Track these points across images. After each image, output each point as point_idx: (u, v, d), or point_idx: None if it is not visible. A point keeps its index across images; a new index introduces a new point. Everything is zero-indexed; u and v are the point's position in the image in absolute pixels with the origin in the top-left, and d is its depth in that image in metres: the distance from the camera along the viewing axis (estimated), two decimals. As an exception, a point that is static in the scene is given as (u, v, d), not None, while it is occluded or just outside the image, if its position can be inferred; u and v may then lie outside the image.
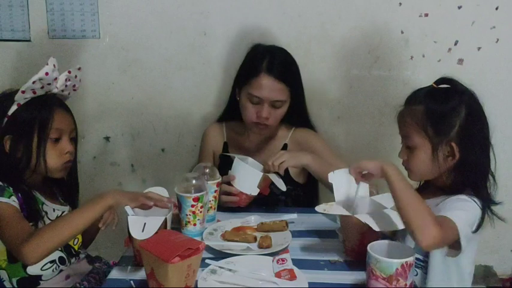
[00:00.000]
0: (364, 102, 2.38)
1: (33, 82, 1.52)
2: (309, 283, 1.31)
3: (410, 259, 1.21)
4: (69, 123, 1.64)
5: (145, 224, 1.37)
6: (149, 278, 1.25)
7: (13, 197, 1.51)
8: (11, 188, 1.53)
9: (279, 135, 2.07)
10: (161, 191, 1.60)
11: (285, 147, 2.05)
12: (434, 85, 1.55)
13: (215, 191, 1.73)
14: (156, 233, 1.34)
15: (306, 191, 2.04)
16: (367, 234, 1.42)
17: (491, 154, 1.54)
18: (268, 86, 1.88)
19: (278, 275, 1.35)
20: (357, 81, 2.36)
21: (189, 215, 1.56)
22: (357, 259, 1.43)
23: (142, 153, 2.48)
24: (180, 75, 2.39)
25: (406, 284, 1.21)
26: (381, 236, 1.45)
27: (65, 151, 1.61)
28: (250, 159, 1.85)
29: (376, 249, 1.25)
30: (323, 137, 2.13)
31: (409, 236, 1.37)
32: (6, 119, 1.56)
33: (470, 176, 1.50)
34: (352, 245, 1.47)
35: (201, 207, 1.57)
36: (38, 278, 1.58)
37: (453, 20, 2.26)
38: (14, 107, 1.55)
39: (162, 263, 1.19)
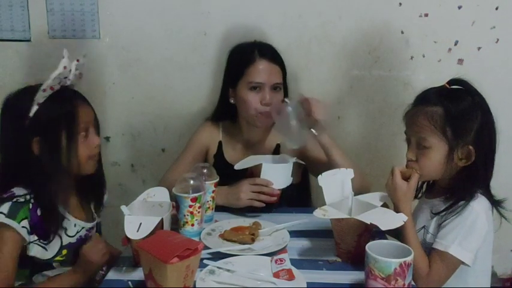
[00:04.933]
0: (365, 102, 2.38)
1: (54, 79, 1.46)
2: (308, 283, 1.31)
3: (409, 259, 1.21)
4: (91, 114, 1.57)
5: (140, 223, 1.37)
6: (147, 279, 1.25)
7: (25, 221, 1.45)
8: (30, 204, 1.47)
9: (272, 135, 2.07)
10: (162, 191, 1.60)
11: (277, 147, 2.05)
12: (447, 85, 1.55)
13: (213, 191, 1.73)
14: (153, 233, 1.34)
15: (299, 191, 2.04)
16: (364, 236, 1.43)
17: None
18: (266, 69, 1.92)
19: (276, 275, 1.35)
20: (357, 81, 2.35)
21: (187, 215, 1.56)
22: (353, 261, 1.44)
23: (142, 153, 2.48)
24: (181, 75, 2.39)
25: (404, 284, 1.21)
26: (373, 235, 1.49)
27: (94, 145, 1.56)
28: (269, 156, 1.90)
29: (375, 249, 1.25)
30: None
31: None
32: (28, 121, 1.46)
33: (478, 179, 1.52)
34: (348, 247, 1.46)
35: (199, 207, 1.57)
36: None
37: (453, 20, 2.25)
38: (34, 108, 1.46)
39: (161, 264, 1.19)
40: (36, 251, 1.50)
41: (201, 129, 2.13)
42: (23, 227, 1.45)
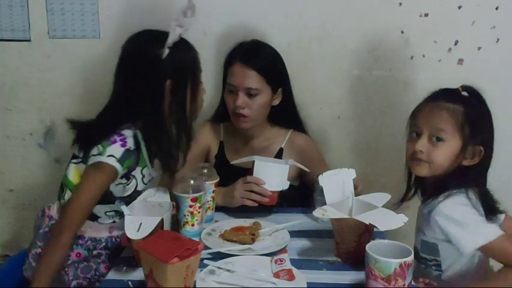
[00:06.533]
0: (365, 102, 2.37)
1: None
2: (308, 283, 1.32)
3: (409, 259, 1.22)
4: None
5: (140, 223, 1.37)
6: (148, 279, 1.25)
7: (126, 170, 1.57)
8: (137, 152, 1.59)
9: (275, 139, 2.07)
10: (162, 191, 1.60)
11: (280, 151, 2.04)
12: (460, 89, 1.57)
13: (213, 191, 1.73)
14: (153, 233, 1.34)
15: (300, 193, 2.03)
16: (364, 236, 1.42)
17: None
18: (240, 73, 1.92)
19: (277, 275, 1.35)
20: (358, 81, 2.35)
21: (187, 215, 1.56)
22: (353, 262, 1.44)
23: (142, 153, 2.48)
24: (181, 75, 2.38)
25: (404, 284, 1.21)
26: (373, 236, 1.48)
27: (204, 92, 1.73)
28: (265, 158, 1.87)
29: (375, 249, 1.25)
30: (321, 137, 2.17)
31: None
32: (161, 64, 1.57)
33: (480, 179, 1.56)
34: (348, 247, 1.47)
35: (199, 207, 1.57)
36: (97, 217, 1.65)
37: (453, 20, 2.25)
38: (166, 51, 1.57)
39: (161, 264, 1.19)
40: (116, 190, 1.63)
41: (202, 129, 2.12)
42: (124, 174, 1.58)
